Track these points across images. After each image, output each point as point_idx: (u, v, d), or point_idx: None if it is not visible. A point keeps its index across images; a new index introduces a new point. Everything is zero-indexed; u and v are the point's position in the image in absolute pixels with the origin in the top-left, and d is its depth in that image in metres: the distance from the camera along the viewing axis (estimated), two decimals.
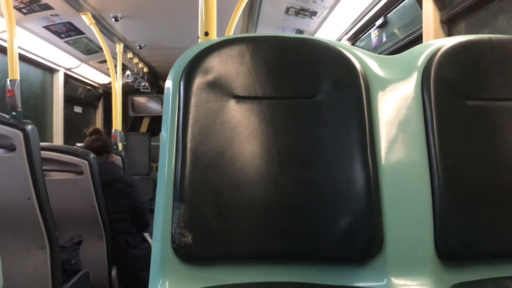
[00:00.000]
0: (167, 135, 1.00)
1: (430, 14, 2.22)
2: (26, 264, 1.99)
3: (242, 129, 1.01)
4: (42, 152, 1.99)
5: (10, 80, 2.02)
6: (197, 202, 0.96)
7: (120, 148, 4.20)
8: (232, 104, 1.02)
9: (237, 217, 0.97)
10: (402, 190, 0.98)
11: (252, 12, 3.60)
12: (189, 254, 0.95)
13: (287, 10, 3.50)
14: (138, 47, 4.90)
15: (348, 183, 0.96)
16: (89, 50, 4.71)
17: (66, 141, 4.93)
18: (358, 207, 0.95)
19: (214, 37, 1.38)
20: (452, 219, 0.97)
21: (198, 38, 1.41)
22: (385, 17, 3.07)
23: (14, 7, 3.11)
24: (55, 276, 2.02)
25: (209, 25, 1.38)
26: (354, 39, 3.72)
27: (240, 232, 0.97)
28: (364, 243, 0.95)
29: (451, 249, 0.96)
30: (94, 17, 3.63)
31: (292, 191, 0.99)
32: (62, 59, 4.62)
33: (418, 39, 2.55)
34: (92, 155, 2.46)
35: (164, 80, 1.08)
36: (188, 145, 0.97)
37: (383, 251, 0.94)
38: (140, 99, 7.39)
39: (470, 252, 0.98)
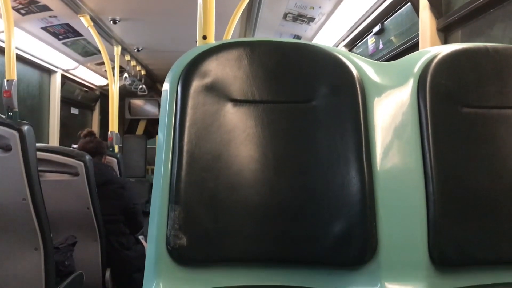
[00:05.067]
0: (163, 137, 1.00)
1: (427, 22, 2.23)
2: (20, 265, 1.98)
3: (239, 132, 1.01)
4: (38, 153, 1.99)
5: (7, 81, 2.02)
6: (192, 205, 0.96)
7: (116, 150, 4.20)
8: (229, 108, 1.02)
9: (232, 220, 0.97)
10: (396, 195, 0.98)
11: (250, 17, 3.61)
12: (184, 256, 0.95)
13: (285, 16, 3.51)
14: (136, 50, 4.90)
15: (343, 188, 0.97)
16: (87, 52, 4.71)
17: (62, 142, 4.92)
18: (353, 212, 0.95)
19: (212, 41, 1.39)
20: (446, 225, 0.97)
21: (196, 41, 1.42)
22: (382, 24, 3.08)
23: (13, 7, 3.12)
24: (48, 278, 2.01)
25: (207, 29, 1.39)
26: (351, 46, 3.73)
27: (235, 235, 0.97)
28: (358, 248, 0.95)
29: (444, 255, 0.97)
30: (92, 19, 3.63)
31: (287, 194, 0.99)
32: (60, 60, 4.62)
33: (414, 47, 2.56)
34: (88, 157, 2.46)
35: (162, 83, 1.08)
36: (185, 147, 0.98)
37: (377, 256, 0.95)
38: (137, 102, 7.40)
39: (464, 259, 0.98)
